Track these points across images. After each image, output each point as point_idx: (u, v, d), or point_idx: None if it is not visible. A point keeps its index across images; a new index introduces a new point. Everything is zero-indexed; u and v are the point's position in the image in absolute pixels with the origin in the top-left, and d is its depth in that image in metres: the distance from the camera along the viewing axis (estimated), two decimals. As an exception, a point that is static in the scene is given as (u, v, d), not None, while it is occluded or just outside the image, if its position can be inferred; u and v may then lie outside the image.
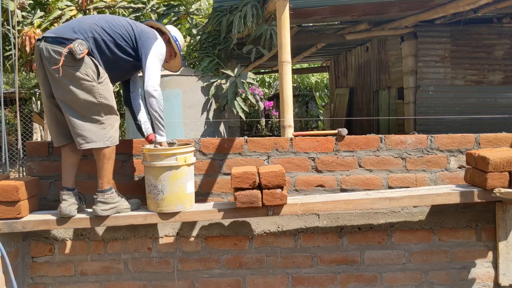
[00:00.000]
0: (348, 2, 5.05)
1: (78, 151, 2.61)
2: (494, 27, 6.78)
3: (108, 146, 2.54)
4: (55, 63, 2.43)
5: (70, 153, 2.61)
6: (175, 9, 5.67)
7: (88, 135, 2.50)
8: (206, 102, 4.82)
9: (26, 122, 10.35)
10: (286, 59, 3.30)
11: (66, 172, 2.61)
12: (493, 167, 2.59)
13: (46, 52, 2.45)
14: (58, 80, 2.46)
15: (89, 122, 2.51)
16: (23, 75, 12.37)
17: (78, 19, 2.73)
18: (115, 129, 2.59)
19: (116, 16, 2.80)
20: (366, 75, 8.97)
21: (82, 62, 2.47)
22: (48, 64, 2.45)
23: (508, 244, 2.90)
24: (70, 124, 2.50)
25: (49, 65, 2.45)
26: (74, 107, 2.49)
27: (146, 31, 2.71)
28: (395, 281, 2.93)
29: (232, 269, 2.90)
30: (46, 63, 2.46)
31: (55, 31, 2.54)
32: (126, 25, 2.66)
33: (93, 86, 2.50)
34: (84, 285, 2.84)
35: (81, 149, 2.52)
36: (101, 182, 2.56)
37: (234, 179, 2.50)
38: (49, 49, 2.45)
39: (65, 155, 2.62)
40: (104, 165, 2.55)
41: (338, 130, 2.94)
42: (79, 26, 2.55)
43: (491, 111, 6.35)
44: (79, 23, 2.59)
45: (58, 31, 2.53)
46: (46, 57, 2.45)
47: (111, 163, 2.57)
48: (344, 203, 2.63)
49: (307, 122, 14.78)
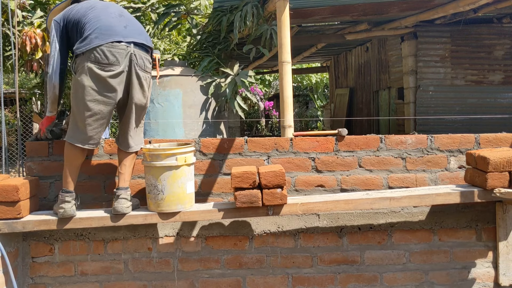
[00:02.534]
0: (348, 2, 5.06)
1: (85, 153, 2.62)
2: (494, 27, 6.79)
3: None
4: (147, 71, 2.61)
5: (82, 156, 2.59)
6: (175, 8, 5.67)
7: (138, 139, 2.67)
8: (206, 102, 4.82)
9: (26, 122, 10.35)
10: (286, 59, 3.30)
11: (72, 174, 2.56)
12: (493, 167, 2.59)
13: (140, 59, 2.55)
14: (142, 85, 2.59)
15: (140, 127, 2.70)
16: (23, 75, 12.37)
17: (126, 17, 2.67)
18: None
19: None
20: (366, 75, 8.97)
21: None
22: (141, 71, 2.56)
23: (508, 244, 2.90)
24: (130, 129, 2.62)
25: (141, 72, 2.57)
26: (140, 113, 2.64)
27: None
28: (395, 281, 2.93)
29: (232, 269, 2.90)
30: (137, 69, 2.54)
31: (137, 35, 2.58)
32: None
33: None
34: (84, 285, 2.84)
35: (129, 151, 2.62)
36: (126, 180, 2.62)
37: (234, 179, 2.50)
38: (142, 56, 2.57)
39: (75, 156, 2.55)
40: (132, 164, 2.67)
41: (338, 130, 2.94)
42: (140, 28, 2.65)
43: (491, 111, 6.35)
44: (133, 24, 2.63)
45: (141, 37, 2.60)
46: (139, 64, 2.55)
47: None
48: (344, 203, 2.63)
49: (307, 122, 14.78)
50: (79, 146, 2.51)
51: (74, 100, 2.49)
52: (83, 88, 2.45)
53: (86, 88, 2.45)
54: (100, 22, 2.50)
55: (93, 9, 2.57)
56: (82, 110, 2.47)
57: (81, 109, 2.47)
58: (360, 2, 5.01)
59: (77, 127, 2.51)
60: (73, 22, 2.56)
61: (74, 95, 2.49)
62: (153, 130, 4.69)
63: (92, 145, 2.54)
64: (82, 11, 2.57)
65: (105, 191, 2.86)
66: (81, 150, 2.54)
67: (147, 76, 2.61)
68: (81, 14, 2.55)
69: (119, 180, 2.61)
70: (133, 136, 2.63)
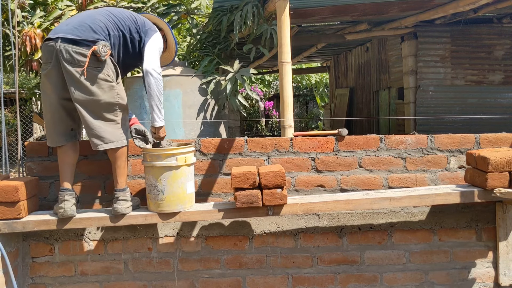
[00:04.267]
0: (348, 2, 5.05)
1: (78, 150, 2.62)
2: (494, 27, 6.78)
3: (125, 145, 2.56)
4: (78, 65, 2.41)
5: (71, 153, 2.60)
6: (175, 8, 5.67)
7: (106, 136, 2.49)
8: (206, 102, 4.82)
9: (26, 122, 10.35)
10: (286, 59, 3.30)
11: (66, 172, 2.59)
12: (493, 167, 2.59)
13: (66, 53, 2.41)
14: (78, 81, 2.43)
15: (107, 123, 2.51)
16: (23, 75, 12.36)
17: (87, 14, 2.64)
18: (127, 128, 2.62)
19: (119, 8, 2.82)
20: (366, 75, 8.97)
21: (104, 63, 2.47)
22: (69, 65, 2.41)
23: (508, 244, 2.90)
24: (87, 126, 2.49)
25: (70, 66, 2.41)
26: (92, 109, 2.47)
27: (147, 22, 2.75)
28: (395, 281, 2.93)
29: (232, 269, 2.90)
30: (65, 64, 2.42)
31: (72, 31, 2.46)
32: (131, 17, 2.68)
33: (113, 87, 2.51)
34: (84, 285, 2.84)
35: (97, 150, 2.51)
36: (120, 181, 2.57)
37: (234, 179, 2.50)
38: (69, 50, 2.41)
39: (64, 154, 2.59)
40: (122, 163, 2.57)
41: (338, 130, 2.94)
42: (94, 23, 2.51)
43: (491, 111, 6.35)
44: (93, 20, 2.53)
45: (77, 31, 2.46)
46: (67, 59, 2.41)
47: (126, 161, 2.61)
48: (344, 203, 2.63)
49: (307, 122, 14.78)
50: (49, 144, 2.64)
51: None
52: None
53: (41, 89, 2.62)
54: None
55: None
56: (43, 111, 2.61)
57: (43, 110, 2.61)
58: (360, 2, 5.01)
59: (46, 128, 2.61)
60: None
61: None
62: (153, 130, 4.68)
63: (56, 142, 2.57)
64: None
65: (105, 191, 2.86)
66: (59, 148, 2.60)
67: (79, 70, 2.41)
68: None
69: (114, 182, 2.61)
70: (93, 133, 2.48)
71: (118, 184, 2.57)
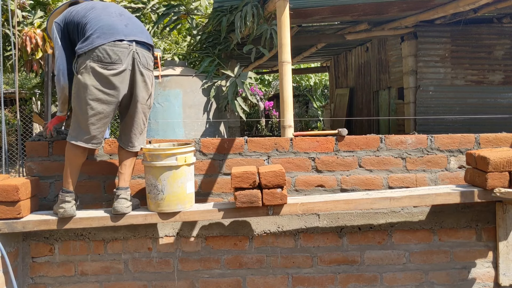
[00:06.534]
0: (348, 2, 5.06)
1: (87, 153, 2.62)
2: (494, 27, 6.79)
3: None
4: (150, 69, 2.62)
5: (84, 156, 2.59)
6: (175, 9, 5.67)
7: (142, 138, 2.68)
8: (206, 102, 4.82)
9: (26, 122, 10.35)
10: (286, 59, 3.30)
11: (73, 174, 2.57)
12: (493, 167, 2.59)
13: (142, 57, 2.56)
14: (146, 83, 2.60)
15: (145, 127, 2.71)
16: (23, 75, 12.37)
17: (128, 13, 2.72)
18: None
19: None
20: (366, 75, 8.97)
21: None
22: (144, 69, 2.57)
23: (508, 244, 2.90)
24: (138, 127, 2.63)
25: (145, 70, 2.58)
26: (146, 111, 2.66)
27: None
28: (395, 281, 2.93)
29: (232, 269, 2.90)
30: (140, 67, 2.55)
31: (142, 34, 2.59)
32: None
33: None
34: (84, 285, 2.84)
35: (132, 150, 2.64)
36: (126, 180, 2.62)
37: (234, 178, 2.50)
38: (144, 54, 2.57)
39: (78, 157, 2.55)
40: (132, 164, 2.68)
41: (338, 130, 2.94)
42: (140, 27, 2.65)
43: (491, 111, 6.36)
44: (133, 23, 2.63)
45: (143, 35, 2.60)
46: (142, 62, 2.56)
47: None
48: (344, 203, 2.63)
49: (307, 122, 14.78)
50: (81, 145, 2.50)
51: (77, 99, 2.49)
52: (85, 87, 2.45)
53: (88, 87, 2.45)
54: (101, 21, 2.51)
55: (94, 10, 2.58)
56: (85, 110, 2.47)
57: (84, 109, 2.47)
58: (360, 2, 5.01)
59: (79, 127, 2.50)
60: (74, 23, 2.56)
61: (76, 95, 2.49)
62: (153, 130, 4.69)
63: (95, 144, 2.54)
64: (82, 12, 2.58)
65: (105, 191, 2.86)
66: (83, 150, 2.54)
67: (150, 74, 2.62)
68: (82, 15, 2.56)
69: (119, 180, 2.61)
70: (137, 135, 2.64)
71: (123, 182, 2.59)
